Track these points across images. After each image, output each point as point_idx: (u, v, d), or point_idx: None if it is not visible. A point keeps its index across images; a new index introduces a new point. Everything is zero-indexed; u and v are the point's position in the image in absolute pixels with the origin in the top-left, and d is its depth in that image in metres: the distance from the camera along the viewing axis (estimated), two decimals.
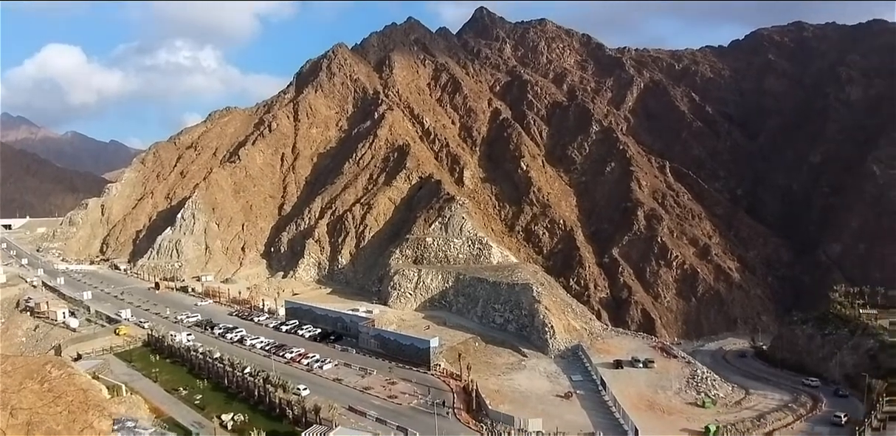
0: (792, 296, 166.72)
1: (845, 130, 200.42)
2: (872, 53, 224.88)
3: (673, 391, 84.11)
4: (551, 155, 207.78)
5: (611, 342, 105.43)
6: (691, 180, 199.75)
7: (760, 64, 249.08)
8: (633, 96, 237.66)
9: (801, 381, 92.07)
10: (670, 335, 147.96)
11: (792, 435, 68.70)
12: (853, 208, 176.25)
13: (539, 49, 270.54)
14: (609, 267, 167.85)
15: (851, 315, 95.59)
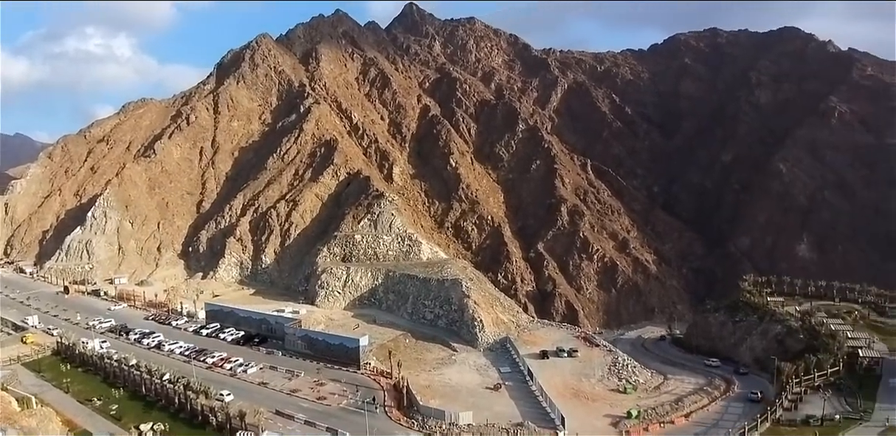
0: (705, 286, 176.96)
1: (754, 132, 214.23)
2: (782, 59, 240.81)
3: (596, 379, 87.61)
4: (480, 152, 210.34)
5: (537, 334, 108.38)
6: (611, 178, 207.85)
7: (677, 68, 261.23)
8: (558, 97, 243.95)
9: (703, 362, 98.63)
10: (592, 325, 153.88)
11: (708, 415, 73.02)
12: (761, 204, 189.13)
13: (468, 48, 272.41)
14: (535, 261, 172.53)
15: (760, 303, 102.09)
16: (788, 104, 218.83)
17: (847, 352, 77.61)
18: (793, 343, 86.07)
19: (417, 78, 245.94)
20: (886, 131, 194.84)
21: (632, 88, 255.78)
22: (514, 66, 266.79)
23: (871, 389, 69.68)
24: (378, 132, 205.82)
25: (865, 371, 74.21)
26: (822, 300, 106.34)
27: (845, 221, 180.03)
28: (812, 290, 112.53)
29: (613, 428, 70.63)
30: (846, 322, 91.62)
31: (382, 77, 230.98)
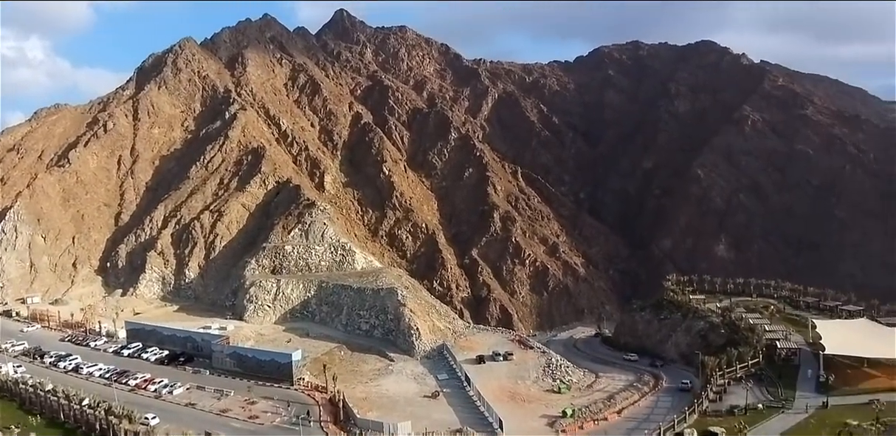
0: (631, 286, 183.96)
1: (674, 140, 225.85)
2: (699, 71, 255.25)
3: (531, 380, 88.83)
4: (413, 160, 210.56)
5: (473, 339, 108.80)
6: (541, 185, 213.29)
7: (601, 79, 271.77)
8: (489, 106, 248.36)
9: (622, 356, 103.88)
10: (526, 328, 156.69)
11: (639, 410, 75.35)
12: (681, 208, 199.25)
13: (400, 55, 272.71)
14: (469, 267, 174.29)
15: (683, 301, 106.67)
16: (705, 113, 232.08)
17: (766, 344, 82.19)
18: (715, 338, 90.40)
19: (349, 85, 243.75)
20: (795, 138, 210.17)
21: (559, 99, 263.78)
22: (445, 76, 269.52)
23: (790, 378, 74.02)
24: (308, 139, 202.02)
25: (784, 362, 78.83)
26: (741, 297, 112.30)
27: (759, 222, 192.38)
28: (731, 287, 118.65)
29: (550, 428, 71.72)
30: (764, 316, 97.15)
31: (312, 83, 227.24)
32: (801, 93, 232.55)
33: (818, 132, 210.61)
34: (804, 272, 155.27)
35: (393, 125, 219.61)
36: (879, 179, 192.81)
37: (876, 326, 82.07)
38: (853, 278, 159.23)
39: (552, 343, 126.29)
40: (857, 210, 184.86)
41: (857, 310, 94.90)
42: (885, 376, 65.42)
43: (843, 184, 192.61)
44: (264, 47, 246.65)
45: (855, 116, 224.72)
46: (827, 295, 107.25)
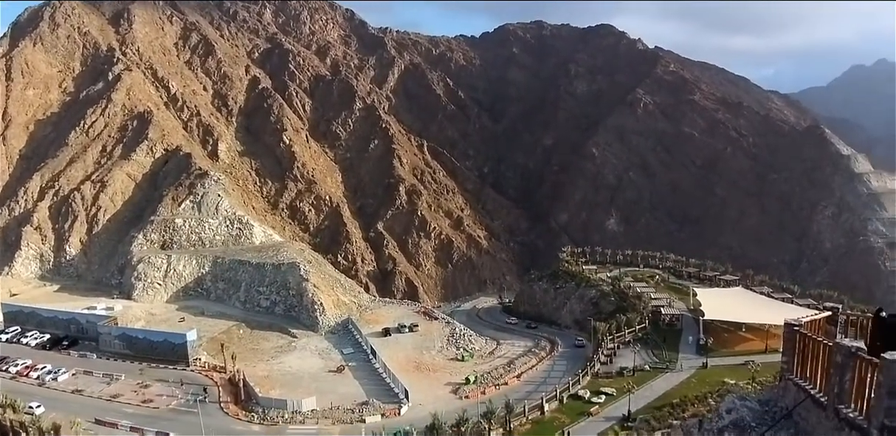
0: (530, 258, 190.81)
1: (572, 118, 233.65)
2: (598, 53, 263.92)
3: (436, 350, 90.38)
4: (315, 130, 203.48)
5: (379, 312, 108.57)
6: (446, 159, 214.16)
7: (506, 56, 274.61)
8: (395, 77, 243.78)
9: (505, 320, 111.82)
10: (432, 300, 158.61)
11: (537, 374, 78.78)
12: (577, 184, 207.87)
13: (302, 18, 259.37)
14: (375, 241, 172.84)
15: (577, 271, 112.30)
16: (601, 94, 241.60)
17: (652, 311, 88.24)
18: (606, 305, 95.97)
19: (246, 47, 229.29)
20: (683, 120, 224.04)
21: (464, 73, 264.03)
22: (350, 43, 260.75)
23: (673, 342, 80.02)
24: (201, 104, 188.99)
25: (668, 327, 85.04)
26: (629, 267, 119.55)
27: (647, 198, 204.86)
28: (620, 258, 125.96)
29: (454, 395, 73.35)
30: (650, 285, 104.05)
31: (206, 44, 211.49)
32: (690, 79, 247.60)
33: (703, 116, 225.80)
34: (687, 245, 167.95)
35: (294, 92, 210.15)
36: (756, 161, 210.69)
37: (750, 294, 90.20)
38: (730, 251, 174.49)
39: (456, 314, 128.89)
40: (735, 189, 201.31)
41: (733, 279, 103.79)
42: (759, 340, 72.01)
43: (723, 164, 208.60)
44: (153, 3, 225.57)
45: (738, 102, 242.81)
46: (707, 266, 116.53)
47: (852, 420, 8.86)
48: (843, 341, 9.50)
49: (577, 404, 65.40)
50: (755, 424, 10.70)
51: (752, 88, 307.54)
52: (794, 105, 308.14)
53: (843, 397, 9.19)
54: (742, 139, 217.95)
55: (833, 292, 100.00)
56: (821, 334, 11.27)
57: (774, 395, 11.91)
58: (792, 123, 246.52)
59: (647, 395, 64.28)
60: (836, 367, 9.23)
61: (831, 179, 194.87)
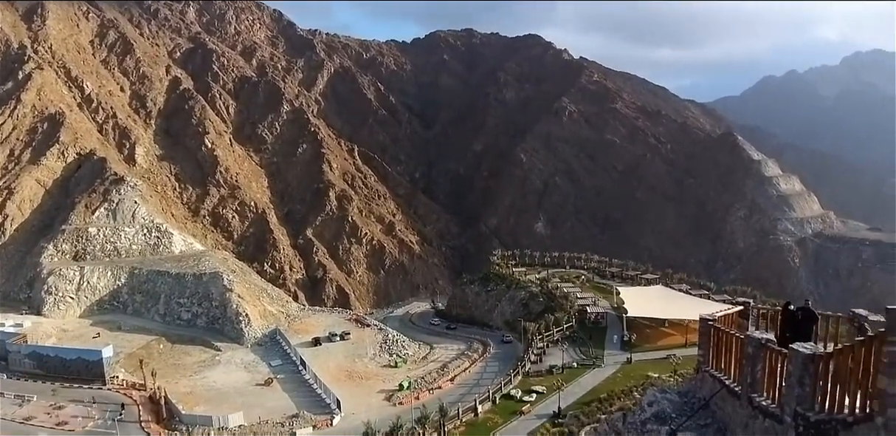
0: (461, 262, 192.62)
1: (501, 125, 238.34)
2: (526, 62, 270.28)
3: (369, 358, 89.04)
4: (240, 133, 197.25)
5: (308, 321, 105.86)
6: (377, 163, 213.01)
7: (436, 62, 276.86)
8: (324, 80, 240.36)
9: (430, 322, 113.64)
10: (364, 307, 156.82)
11: (470, 376, 79.16)
12: (506, 189, 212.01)
13: (227, 18, 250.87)
14: (303, 248, 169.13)
15: (507, 273, 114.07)
16: (529, 102, 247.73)
17: (578, 310, 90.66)
18: (535, 305, 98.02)
19: (167, 46, 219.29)
20: (606, 128, 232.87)
21: (395, 78, 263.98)
22: (277, 44, 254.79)
23: (599, 339, 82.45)
24: (117, 106, 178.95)
25: (593, 324, 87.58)
26: (556, 268, 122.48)
27: (572, 202, 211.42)
28: (548, 260, 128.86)
29: (388, 402, 72.50)
30: (576, 285, 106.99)
31: (124, 42, 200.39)
32: (613, 88, 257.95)
33: (625, 124, 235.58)
34: (609, 246, 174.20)
35: (217, 93, 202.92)
36: (674, 166, 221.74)
37: (670, 291, 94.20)
38: (650, 251, 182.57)
39: (389, 320, 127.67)
40: (654, 193, 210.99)
41: (653, 278, 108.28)
42: (679, 334, 75.30)
43: (643, 170, 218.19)
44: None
45: (657, 111, 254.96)
46: (628, 266, 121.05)
47: (766, 408, 9.32)
48: (754, 334, 10.01)
49: (510, 403, 66.19)
50: (675, 415, 11.09)
51: (670, 98, 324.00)
52: (709, 113, 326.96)
53: (756, 386, 9.67)
54: (661, 146, 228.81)
55: (746, 288, 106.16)
56: (733, 327, 11.87)
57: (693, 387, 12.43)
58: (707, 130, 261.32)
59: (576, 391, 65.90)
60: (749, 358, 9.70)
61: (743, 182, 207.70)
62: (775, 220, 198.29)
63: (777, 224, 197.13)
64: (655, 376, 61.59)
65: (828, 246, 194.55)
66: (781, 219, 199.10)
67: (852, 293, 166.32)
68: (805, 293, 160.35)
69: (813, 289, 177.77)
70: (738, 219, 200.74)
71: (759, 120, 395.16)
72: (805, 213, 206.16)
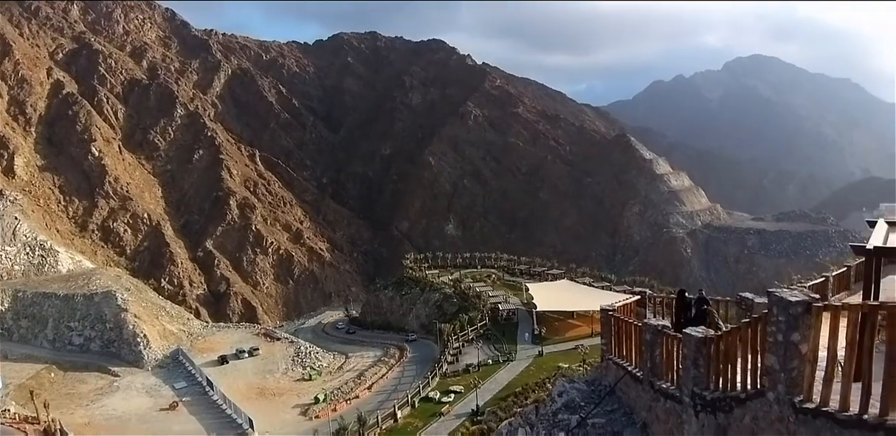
0: (374, 267, 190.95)
1: (408, 129, 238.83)
2: (430, 67, 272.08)
3: (281, 373, 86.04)
4: (130, 140, 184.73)
5: (213, 339, 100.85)
6: (281, 169, 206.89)
7: (341, 65, 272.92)
8: (221, 82, 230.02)
9: (342, 329, 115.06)
10: (273, 320, 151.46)
11: (388, 383, 78.39)
12: (415, 192, 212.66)
13: (115, 17, 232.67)
14: (204, 261, 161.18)
15: (420, 276, 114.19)
16: (434, 106, 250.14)
17: (490, 308, 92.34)
18: (449, 306, 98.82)
19: (48, 47, 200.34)
20: (509, 131, 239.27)
21: (298, 80, 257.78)
22: (170, 44, 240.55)
23: (511, 335, 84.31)
24: None
25: (505, 321, 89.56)
26: (468, 269, 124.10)
27: (480, 203, 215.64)
28: (460, 261, 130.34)
29: (304, 417, 70.39)
30: (487, 284, 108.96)
31: (1, 43, 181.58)
32: (515, 93, 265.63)
33: (527, 128, 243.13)
34: (517, 244, 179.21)
35: (104, 97, 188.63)
36: (573, 167, 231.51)
37: (574, 284, 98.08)
38: (555, 248, 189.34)
39: (301, 331, 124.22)
40: (556, 192, 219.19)
41: (559, 273, 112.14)
42: (586, 325, 78.38)
43: (545, 171, 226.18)
44: None
45: (556, 115, 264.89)
46: (536, 262, 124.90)
47: (666, 391, 9.79)
48: (651, 321, 10.52)
49: (429, 405, 66.17)
50: (584, 403, 11.44)
51: (567, 102, 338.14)
52: (604, 116, 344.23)
53: (656, 370, 10.15)
54: (560, 148, 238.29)
55: (645, 278, 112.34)
56: (632, 316, 12.42)
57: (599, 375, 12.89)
58: (603, 132, 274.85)
59: (492, 388, 66.96)
60: (647, 344, 10.17)
61: (637, 180, 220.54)
62: (667, 214, 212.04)
63: (669, 218, 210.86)
64: (566, 366, 63.77)
65: (716, 236, 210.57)
66: (673, 213, 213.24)
67: (740, 278, 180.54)
68: (698, 280, 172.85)
69: (705, 276, 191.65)
70: (634, 214, 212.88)
71: (650, 122, 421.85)
72: (694, 206, 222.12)
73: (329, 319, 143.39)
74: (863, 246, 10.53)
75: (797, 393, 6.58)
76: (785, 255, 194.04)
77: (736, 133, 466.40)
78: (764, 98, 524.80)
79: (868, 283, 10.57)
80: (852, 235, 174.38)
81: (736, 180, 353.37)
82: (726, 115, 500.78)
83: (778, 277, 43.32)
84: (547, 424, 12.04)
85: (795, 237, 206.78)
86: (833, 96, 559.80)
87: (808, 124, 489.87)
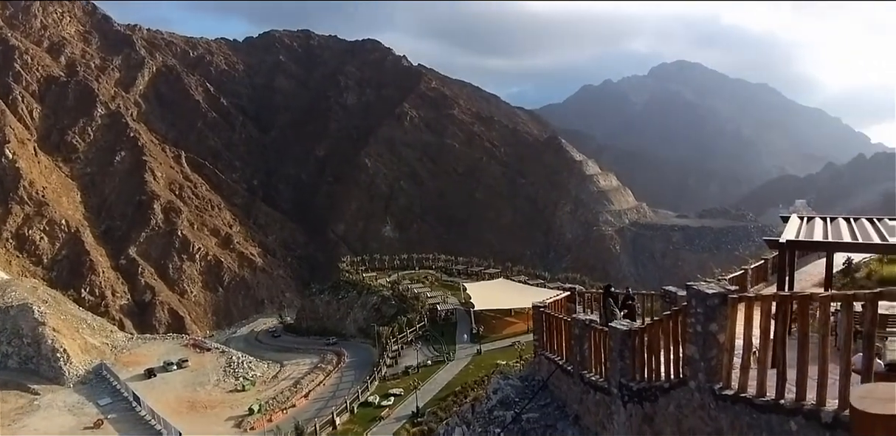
0: (310, 271, 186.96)
1: (343, 129, 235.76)
2: (365, 67, 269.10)
3: (212, 384, 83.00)
4: (46, 141, 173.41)
5: (139, 352, 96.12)
6: (209, 171, 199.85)
7: (272, 63, 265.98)
8: (145, 80, 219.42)
9: (271, 330, 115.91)
10: (202, 329, 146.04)
11: (326, 390, 76.87)
12: (352, 194, 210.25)
13: (32, 11, 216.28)
14: (127, 269, 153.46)
15: (357, 279, 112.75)
16: (370, 107, 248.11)
17: (429, 308, 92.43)
18: (387, 309, 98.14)
19: None
20: (445, 133, 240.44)
21: (226, 79, 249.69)
22: (90, 40, 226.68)
23: (450, 335, 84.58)
24: None
25: (444, 321, 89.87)
26: (406, 270, 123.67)
27: (418, 205, 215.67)
28: (398, 263, 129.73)
29: (238, 429, 68.05)
30: (425, 285, 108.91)
31: None
32: (450, 95, 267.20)
33: (462, 129, 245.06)
34: (455, 245, 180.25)
35: (19, 96, 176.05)
36: (508, 168, 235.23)
37: (510, 283, 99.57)
38: (491, 247, 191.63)
39: (232, 341, 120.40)
40: (491, 193, 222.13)
41: (495, 272, 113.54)
42: (522, 322, 79.61)
43: (480, 172, 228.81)
44: None
45: (490, 117, 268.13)
46: (473, 262, 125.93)
47: (595, 383, 9.99)
48: (579, 316, 10.74)
49: (368, 410, 65.33)
50: (518, 399, 11.54)
51: (501, 105, 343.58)
52: (536, 119, 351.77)
53: (586, 363, 10.34)
54: (495, 149, 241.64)
55: (577, 275, 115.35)
56: (563, 311, 12.66)
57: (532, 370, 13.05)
58: (535, 134, 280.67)
59: (432, 388, 66.87)
60: (576, 338, 10.36)
61: (568, 181, 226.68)
62: (597, 212, 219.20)
63: (599, 216, 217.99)
64: (504, 363, 64.73)
65: (643, 233, 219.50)
66: (602, 212, 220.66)
67: (666, 273, 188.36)
68: (627, 276, 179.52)
69: (633, 271, 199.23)
70: (566, 213, 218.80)
71: (580, 124, 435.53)
72: (622, 205, 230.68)
73: (262, 327, 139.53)
74: (776, 240, 11.12)
75: (717, 381, 6.82)
76: (707, 250, 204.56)
77: (661, 135, 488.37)
78: (687, 102, 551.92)
79: (782, 274, 11.16)
80: (769, 229, 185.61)
81: (661, 180, 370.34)
82: (652, 118, 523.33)
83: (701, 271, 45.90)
84: (483, 421, 12.08)
85: (717, 233, 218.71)
86: (752, 100, 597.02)
87: (729, 126, 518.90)
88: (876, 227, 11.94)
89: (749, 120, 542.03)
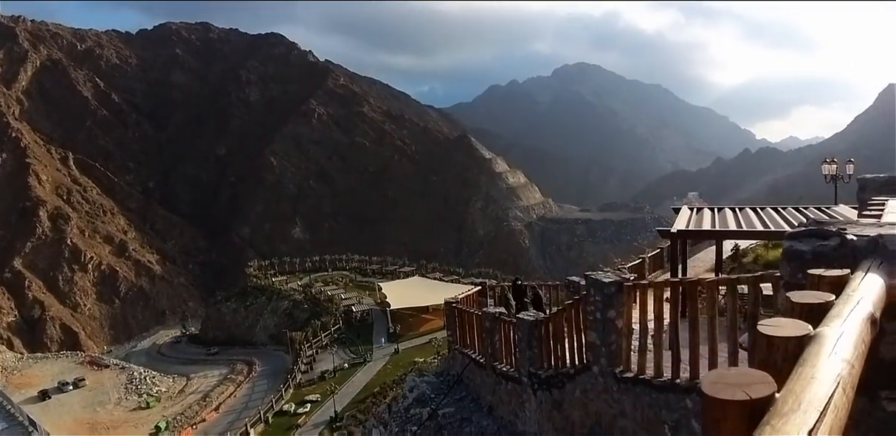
0: (213, 278, 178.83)
1: (246, 127, 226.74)
2: (269, 62, 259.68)
3: (113, 404, 78.17)
4: None
5: (31, 373, 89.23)
6: (100, 173, 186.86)
7: (168, 57, 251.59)
8: (28, 75, 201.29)
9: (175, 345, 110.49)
10: (99, 345, 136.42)
11: (238, 401, 73.95)
12: (257, 194, 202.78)
13: None
14: (12, 283, 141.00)
15: (266, 284, 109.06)
16: (275, 103, 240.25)
17: (344, 310, 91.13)
18: (300, 313, 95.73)
19: None
20: (355, 131, 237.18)
21: (118, 73, 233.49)
22: None
23: (367, 336, 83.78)
24: None
25: (360, 322, 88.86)
26: (319, 272, 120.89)
27: (328, 204, 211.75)
28: (309, 265, 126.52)
29: None
30: (339, 287, 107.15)
31: None
32: (359, 92, 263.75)
33: (373, 127, 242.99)
34: (368, 244, 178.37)
35: None
36: (419, 166, 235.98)
37: (426, 280, 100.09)
38: (405, 245, 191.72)
39: (133, 355, 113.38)
40: (404, 191, 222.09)
41: (410, 270, 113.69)
42: (438, 318, 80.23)
43: (392, 170, 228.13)
44: None
45: (401, 115, 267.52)
46: (387, 261, 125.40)
47: (506, 373, 10.26)
48: (489, 309, 10.99)
49: (284, 419, 63.57)
50: (434, 395, 11.64)
51: (411, 103, 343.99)
52: (446, 118, 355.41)
53: (496, 355, 10.60)
54: (406, 147, 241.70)
55: (489, 269, 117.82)
56: (474, 306, 12.89)
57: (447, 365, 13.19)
58: (446, 133, 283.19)
59: (350, 392, 66.08)
60: (487, 331, 10.60)
61: (478, 178, 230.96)
62: (507, 209, 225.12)
63: (508, 212, 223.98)
64: (421, 360, 65.15)
65: (550, 227, 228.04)
66: (511, 208, 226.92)
67: (572, 264, 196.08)
68: (536, 268, 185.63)
69: (542, 264, 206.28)
70: (477, 210, 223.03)
71: (488, 123, 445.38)
72: (530, 201, 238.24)
73: (165, 338, 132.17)
74: (668, 230, 11.86)
75: (617, 365, 7.20)
76: (609, 241, 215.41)
77: (564, 134, 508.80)
78: (587, 102, 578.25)
79: (674, 262, 11.93)
80: (664, 220, 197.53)
81: (565, 176, 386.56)
82: (556, 117, 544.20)
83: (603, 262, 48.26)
84: (400, 420, 12.09)
85: (617, 225, 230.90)
86: (647, 100, 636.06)
87: (625, 125, 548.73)
88: (759, 215, 13.01)
89: (644, 119, 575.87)
